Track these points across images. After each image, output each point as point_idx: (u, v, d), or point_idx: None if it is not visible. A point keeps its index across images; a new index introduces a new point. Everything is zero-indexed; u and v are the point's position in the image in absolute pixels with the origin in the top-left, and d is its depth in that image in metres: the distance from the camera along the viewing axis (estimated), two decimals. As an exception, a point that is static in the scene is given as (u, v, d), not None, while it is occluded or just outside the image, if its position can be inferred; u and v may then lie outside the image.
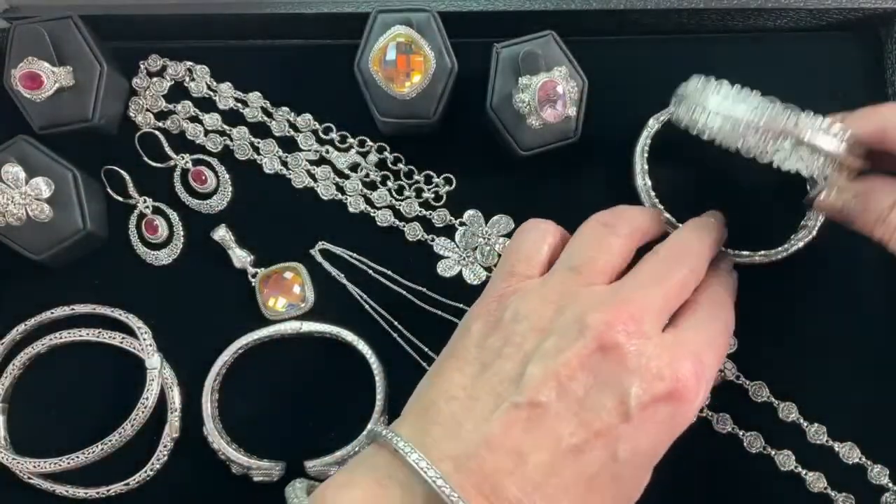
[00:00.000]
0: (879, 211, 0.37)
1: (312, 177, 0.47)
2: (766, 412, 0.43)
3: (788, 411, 0.43)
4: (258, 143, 0.47)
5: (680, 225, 0.43)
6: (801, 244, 0.44)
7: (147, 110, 0.47)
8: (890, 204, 0.36)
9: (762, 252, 0.43)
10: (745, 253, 0.43)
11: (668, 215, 0.44)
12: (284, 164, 0.47)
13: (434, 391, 0.35)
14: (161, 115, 0.48)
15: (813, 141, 0.37)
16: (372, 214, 0.46)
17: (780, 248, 0.44)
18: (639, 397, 0.33)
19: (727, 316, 0.39)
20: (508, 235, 0.45)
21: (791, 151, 0.37)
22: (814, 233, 0.44)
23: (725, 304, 0.39)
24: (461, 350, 0.36)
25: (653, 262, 0.37)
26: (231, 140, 0.47)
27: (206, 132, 0.47)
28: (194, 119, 0.47)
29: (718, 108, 0.38)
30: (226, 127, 0.47)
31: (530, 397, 0.32)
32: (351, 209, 0.46)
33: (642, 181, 0.44)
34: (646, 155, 0.45)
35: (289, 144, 0.47)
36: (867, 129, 0.38)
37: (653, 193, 0.44)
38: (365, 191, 0.47)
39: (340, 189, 0.47)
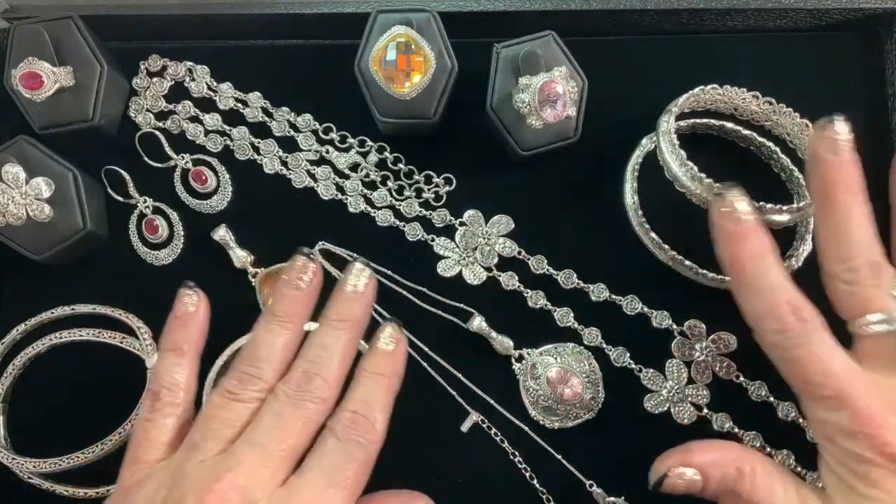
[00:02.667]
0: (727, 475, 0.36)
1: (313, 177, 0.47)
2: (767, 412, 0.43)
3: (788, 411, 0.43)
4: (258, 143, 0.47)
5: (666, 246, 0.43)
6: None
7: (147, 110, 0.47)
8: (736, 469, 0.36)
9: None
10: (723, 278, 0.43)
11: (654, 235, 0.44)
12: (284, 164, 0.47)
13: None
14: (161, 116, 0.48)
15: None
16: (372, 214, 0.46)
17: None
18: None
19: (362, 443, 0.35)
20: (509, 235, 0.45)
21: None
22: (800, 262, 0.44)
23: (361, 427, 0.35)
24: None
25: (273, 406, 0.35)
26: (231, 140, 0.47)
27: (207, 132, 0.47)
28: (194, 119, 0.48)
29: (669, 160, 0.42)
30: (226, 127, 0.47)
31: None
32: (351, 209, 0.46)
33: (631, 199, 0.44)
34: (636, 174, 0.45)
35: (289, 144, 0.47)
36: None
37: (640, 212, 0.44)
38: (365, 191, 0.47)
39: (340, 189, 0.47)
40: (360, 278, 0.39)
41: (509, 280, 0.45)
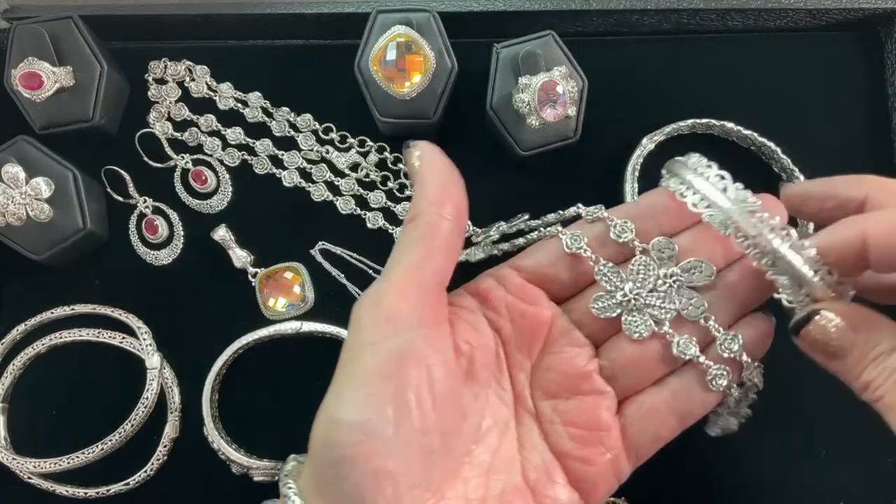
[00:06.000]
0: (876, 352, 0.30)
1: (311, 177, 0.47)
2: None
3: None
4: (281, 154, 0.47)
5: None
6: None
7: (168, 119, 0.47)
8: (889, 348, 0.30)
9: None
10: None
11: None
12: (286, 165, 0.47)
13: None
14: (182, 125, 0.47)
15: (786, 261, 0.32)
16: (372, 214, 0.46)
17: None
18: None
19: None
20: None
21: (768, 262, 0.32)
22: None
23: None
24: None
25: None
26: (255, 156, 0.47)
27: (226, 146, 0.47)
28: (214, 133, 0.47)
29: (703, 191, 0.34)
30: (249, 140, 0.47)
31: None
32: (351, 209, 0.46)
33: (631, 200, 0.44)
34: (636, 174, 0.45)
35: (289, 144, 0.47)
36: (845, 244, 0.31)
37: None
38: (365, 191, 0.47)
39: (340, 189, 0.47)
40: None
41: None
